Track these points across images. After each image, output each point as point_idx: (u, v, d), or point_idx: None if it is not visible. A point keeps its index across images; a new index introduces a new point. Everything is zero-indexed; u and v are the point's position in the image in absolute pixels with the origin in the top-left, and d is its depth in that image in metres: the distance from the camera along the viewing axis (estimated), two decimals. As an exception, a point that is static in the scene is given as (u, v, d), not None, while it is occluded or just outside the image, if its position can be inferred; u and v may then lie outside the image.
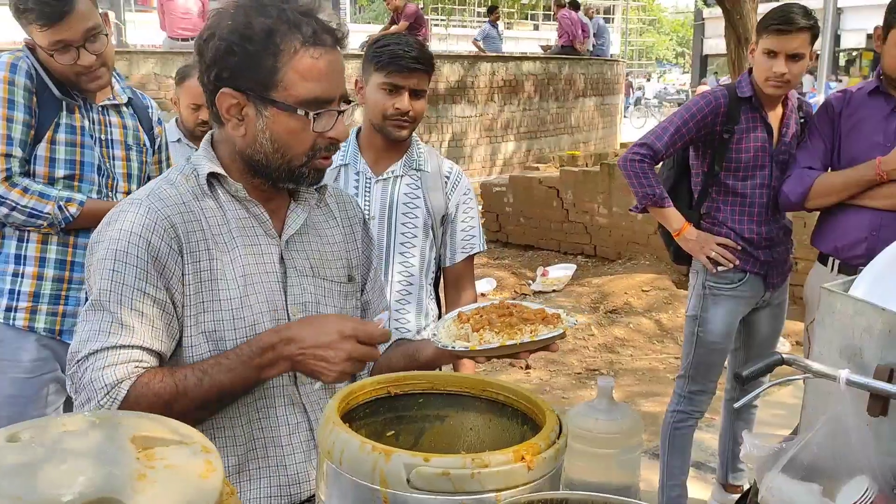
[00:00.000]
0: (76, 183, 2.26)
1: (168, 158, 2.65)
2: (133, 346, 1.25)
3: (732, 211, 2.81)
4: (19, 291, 2.24)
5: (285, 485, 1.40)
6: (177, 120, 3.52)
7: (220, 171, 1.37)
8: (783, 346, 4.75)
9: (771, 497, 1.52)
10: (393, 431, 1.13)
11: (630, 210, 3.03)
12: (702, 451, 3.58)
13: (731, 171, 2.78)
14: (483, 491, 0.87)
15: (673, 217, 2.81)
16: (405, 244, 2.25)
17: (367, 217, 2.17)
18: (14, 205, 2.13)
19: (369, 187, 2.24)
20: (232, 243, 1.37)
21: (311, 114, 1.31)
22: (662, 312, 5.79)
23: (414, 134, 2.29)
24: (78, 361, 1.26)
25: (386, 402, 1.11)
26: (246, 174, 1.39)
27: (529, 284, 6.74)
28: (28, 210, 2.15)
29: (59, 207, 2.17)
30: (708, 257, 2.76)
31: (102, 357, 1.24)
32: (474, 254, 2.35)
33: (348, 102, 1.37)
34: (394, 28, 9.85)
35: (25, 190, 2.14)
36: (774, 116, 2.81)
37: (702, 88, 23.38)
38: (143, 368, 1.25)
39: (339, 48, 1.34)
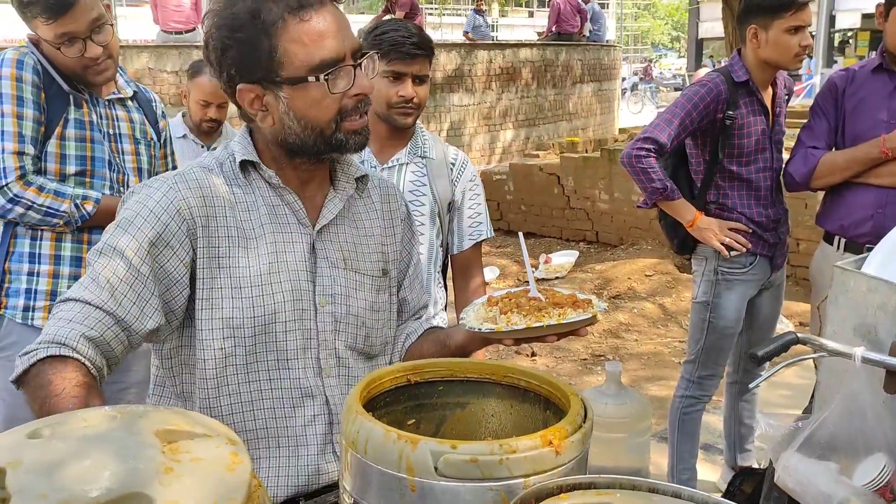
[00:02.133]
0: (87, 179, 2.23)
1: (173, 153, 2.62)
2: (101, 308, 1.23)
3: (740, 196, 2.80)
4: (36, 290, 2.21)
5: (295, 475, 1.38)
6: (183, 115, 3.50)
7: (254, 158, 1.37)
8: (786, 327, 4.74)
9: (788, 476, 1.51)
10: (414, 420, 1.11)
11: (638, 206, 3.01)
12: (708, 433, 3.58)
13: (735, 157, 2.76)
14: (511, 477, 0.86)
15: (684, 208, 2.78)
16: (412, 232, 2.23)
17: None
18: (30, 204, 2.10)
19: (375, 176, 2.22)
20: (260, 229, 1.36)
21: (323, 77, 1.27)
22: (666, 297, 5.79)
23: (418, 121, 2.28)
24: (57, 301, 1.27)
25: (406, 390, 1.10)
26: (284, 160, 1.39)
27: (532, 272, 6.74)
28: (44, 209, 2.11)
29: (76, 206, 2.15)
30: (722, 243, 2.75)
31: (68, 308, 1.23)
32: (482, 240, 2.34)
33: (362, 55, 1.33)
34: (387, 18, 9.79)
35: (41, 189, 2.11)
36: (767, 98, 2.79)
37: (701, 72, 23.39)
38: (87, 338, 1.20)
39: (333, 2, 1.30)
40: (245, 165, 1.38)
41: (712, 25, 27.69)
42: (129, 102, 2.40)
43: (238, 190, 1.37)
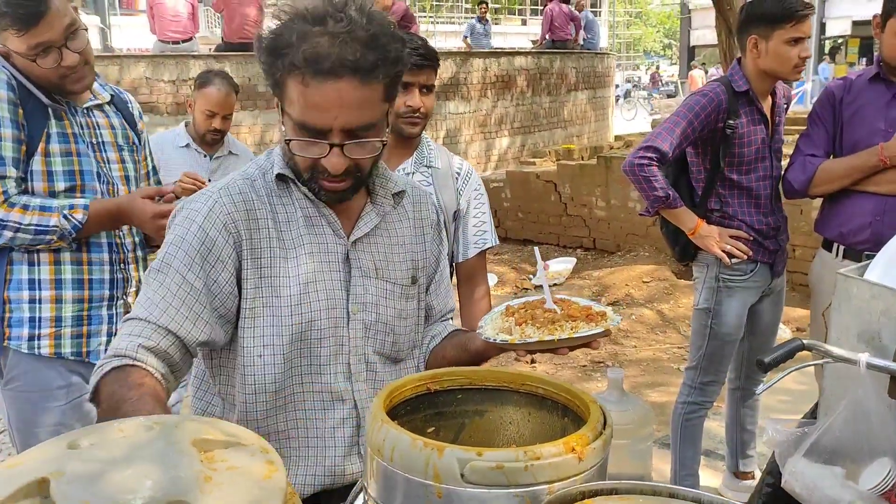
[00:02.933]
0: (78, 194, 2.13)
1: (151, 154, 2.50)
2: (157, 325, 1.28)
3: (741, 204, 2.83)
4: (40, 318, 2.11)
5: (321, 474, 1.42)
6: (186, 124, 3.51)
7: (289, 173, 1.40)
8: (784, 333, 4.78)
9: (794, 481, 1.53)
10: (433, 427, 1.13)
11: (640, 214, 3.03)
12: (709, 438, 3.60)
13: (735, 166, 2.79)
14: (536, 483, 0.87)
15: (686, 217, 2.81)
16: (418, 241, 2.25)
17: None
18: (17, 225, 2.00)
19: (381, 186, 2.24)
20: (299, 240, 1.40)
21: (286, 138, 1.33)
22: (664, 303, 5.82)
23: (424, 132, 2.30)
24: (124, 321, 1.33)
25: (426, 398, 1.12)
26: None
27: (530, 279, 6.76)
28: (33, 228, 2.01)
29: (65, 217, 2.04)
30: (723, 251, 2.77)
31: (130, 325, 1.29)
32: (486, 249, 2.36)
33: (355, 136, 1.31)
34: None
35: (25, 207, 2.01)
36: (766, 107, 2.83)
37: (694, 73, 23.48)
38: (146, 347, 1.26)
39: (360, 77, 1.26)
40: (283, 176, 1.41)
41: (703, 33, 27.87)
42: (107, 107, 2.30)
43: (278, 201, 1.41)
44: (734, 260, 2.79)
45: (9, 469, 0.73)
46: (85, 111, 2.22)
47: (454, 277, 2.42)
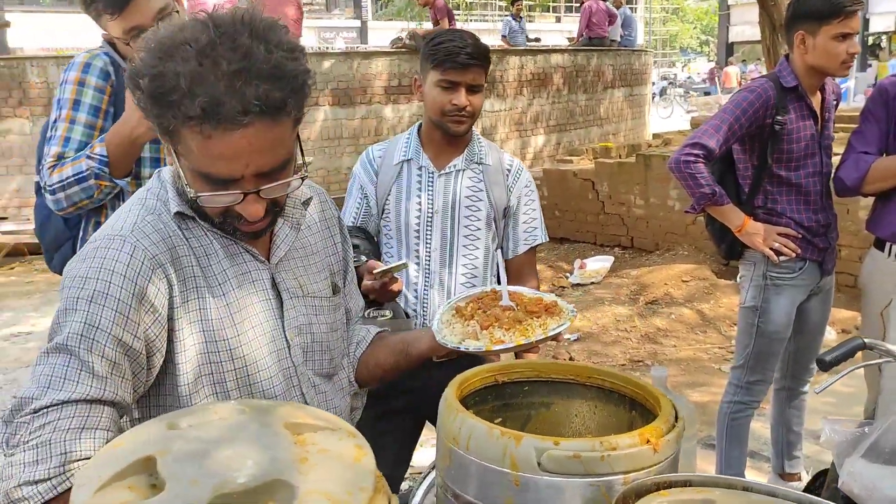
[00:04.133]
0: None
1: None
2: (104, 402, 1.10)
3: (789, 201, 2.80)
4: None
5: None
6: None
7: (187, 211, 1.24)
8: (829, 335, 4.71)
9: (853, 482, 1.52)
10: (500, 419, 1.15)
11: (686, 211, 3.01)
12: (754, 440, 3.56)
13: (784, 162, 2.76)
14: (612, 473, 0.89)
15: (733, 214, 2.79)
16: (469, 237, 2.27)
17: (432, 212, 2.22)
18: (62, 182, 2.00)
19: (432, 182, 2.26)
20: (223, 275, 1.25)
21: (193, 193, 1.15)
22: (703, 302, 5.76)
23: (474, 128, 2.32)
24: (35, 411, 1.06)
25: (493, 389, 1.14)
26: None
27: (567, 277, 6.75)
28: (73, 178, 2.00)
29: (88, 156, 2.01)
30: (771, 248, 2.75)
31: (71, 411, 1.06)
32: (536, 245, 2.37)
33: (268, 178, 1.15)
34: (423, 29, 9.91)
35: (63, 164, 2.02)
36: (816, 103, 2.79)
37: (729, 69, 23.16)
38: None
39: (267, 119, 1.09)
40: (183, 214, 1.25)
41: (743, 29, 27.46)
42: None
43: (189, 234, 1.24)
44: (782, 258, 2.77)
45: (115, 448, 0.77)
46: None
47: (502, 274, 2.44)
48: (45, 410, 1.06)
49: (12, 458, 1.04)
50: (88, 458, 1.00)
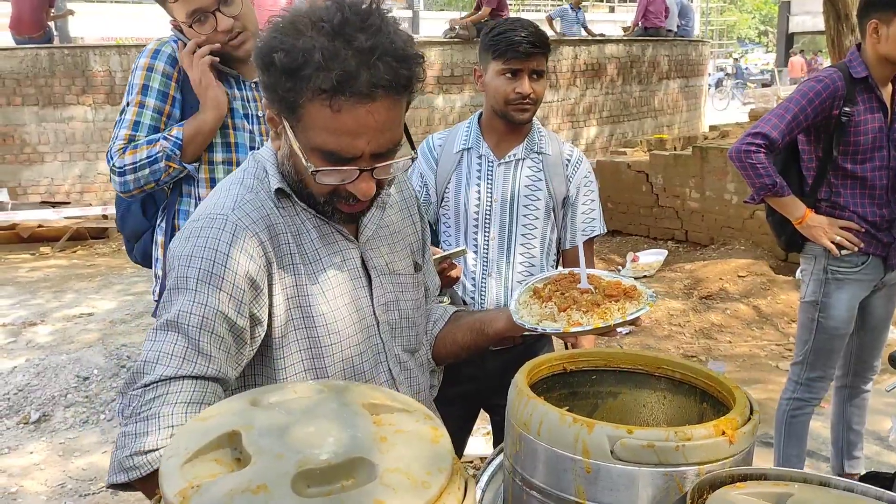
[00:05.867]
0: (234, 168, 2.13)
1: None
2: (209, 378, 1.15)
3: (853, 194, 2.73)
4: None
5: None
6: None
7: (286, 188, 1.28)
8: (892, 334, 4.57)
9: (924, 483, 1.49)
10: (567, 407, 1.14)
11: (745, 201, 2.96)
12: (812, 439, 3.49)
13: (850, 155, 2.69)
14: (687, 463, 0.88)
15: (794, 205, 2.73)
16: (527, 226, 2.27)
17: (491, 201, 2.22)
18: (134, 164, 2.05)
19: (492, 171, 2.26)
20: (315, 254, 1.28)
21: (312, 170, 1.17)
22: (760, 298, 5.64)
23: (535, 118, 2.31)
24: (145, 386, 1.12)
25: (561, 377, 1.14)
26: None
27: (619, 270, 6.68)
28: (146, 161, 2.05)
29: (164, 138, 2.06)
30: (832, 242, 2.69)
31: (179, 386, 1.12)
32: (595, 236, 2.35)
33: (382, 157, 1.19)
34: (476, 15, 9.85)
35: (135, 147, 2.07)
36: (887, 95, 2.71)
37: (794, 59, 22.52)
38: None
39: (393, 96, 1.14)
40: (282, 191, 1.29)
41: (803, 19, 26.67)
42: None
43: (284, 212, 1.27)
44: (844, 252, 2.70)
45: (201, 422, 0.79)
46: (253, 85, 2.22)
47: (559, 265, 2.43)
48: (155, 385, 1.12)
49: (126, 428, 1.11)
50: None
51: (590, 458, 0.90)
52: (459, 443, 2.43)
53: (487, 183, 2.26)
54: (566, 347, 2.22)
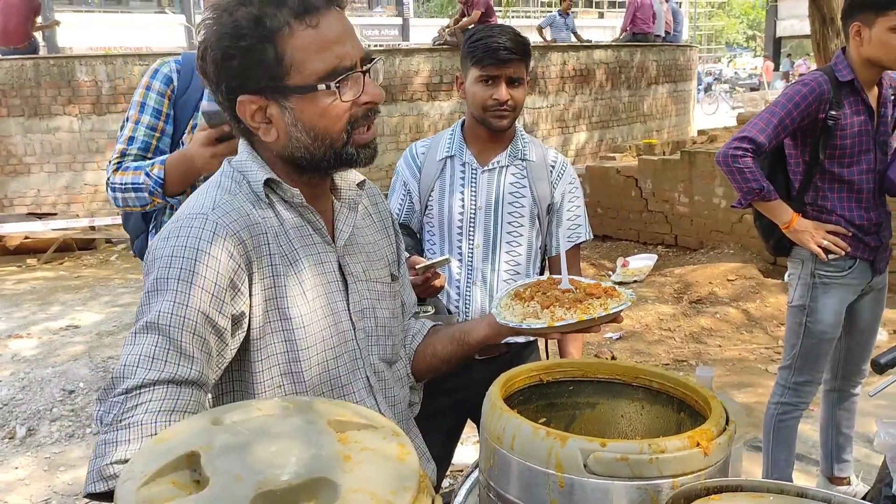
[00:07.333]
0: None
1: None
2: (191, 381, 1.12)
3: (840, 198, 2.72)
4: None
5: None
6: None
7: (275, 176, 1.28)
8: (880, 336, 4.58)
9: (908, 488, 1.48)
10: (544, 419, 1.13)
11: (732, 206, 2.95)
12: (801, 442, 3.48)
13: (836, 158, 2.68)
14: (661, 476, 0.87)
15: (781, 210, 2.73)
16: (512, 234, 2.25)
17: (475, 208, 2.21)
18: (121, 185, 2.14)
19: (475, 178, 2.25)
20: (294, 255, 1.27)
21: (334, 84, 1.20)
22: (750, 302, 5.65)
23: (518, 124, 2.30)
24: (126, 391, 1.09)
25: (538, 389, 1.12)
26: (294, 176, 1.30)
27: (609, 275, 6.67)
28: (130, 185, 2.13)
29: (147, 174, 2.11)
30: (819, 246, 2.68)
31: (161, 393, 1.09)
32: (580, 243, 2.34)
33: (370, 60, 1.25)
34: (465, 20, 9.87)
35: (125, 169, 2.15)
36: (872, 98, 2.71)
37: (767, 63, 22.70)
38: None
39: (337, 7, 1.22)
40: (268, 183, 1.28)
41: (791, 23, 26.84)
42: None
43: (265, 213, 1.27)
44: (831, 256, 2.69)
45: (158, 444, 0.77)
46: None
47: (546, 272, 2.42)
48: (137, 391, 1.08)
49: (106, 436, 1.07)
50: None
51: (563, 472, 0.88)
52: (447, 453, 2.40)
53: (471, 190, 2.25)
54: (552, 357, 2.20)
